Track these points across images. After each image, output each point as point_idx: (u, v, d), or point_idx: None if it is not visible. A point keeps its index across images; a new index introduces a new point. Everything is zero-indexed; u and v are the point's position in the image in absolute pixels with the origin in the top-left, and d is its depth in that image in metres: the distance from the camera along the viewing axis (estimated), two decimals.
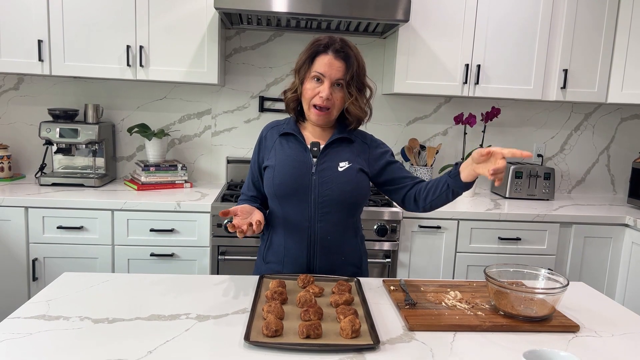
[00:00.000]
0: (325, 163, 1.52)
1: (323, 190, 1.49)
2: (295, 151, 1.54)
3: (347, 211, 1.54)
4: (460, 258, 2.55)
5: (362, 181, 1.54)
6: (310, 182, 1.50)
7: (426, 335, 1.13)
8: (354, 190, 1.52)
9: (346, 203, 1.52)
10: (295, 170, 1.51)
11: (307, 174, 1.51)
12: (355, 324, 1.09)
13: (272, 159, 1.55)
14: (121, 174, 2.99)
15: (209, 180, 3.04)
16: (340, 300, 1.25)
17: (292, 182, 1.50)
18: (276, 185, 1.51)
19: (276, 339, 1.07)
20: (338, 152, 1.54)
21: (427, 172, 2.89)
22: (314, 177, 1.50)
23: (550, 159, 3.18)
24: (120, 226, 2.39)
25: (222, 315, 1.20)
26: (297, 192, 1.50)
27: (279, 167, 1.52)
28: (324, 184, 1.50)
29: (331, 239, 1.53)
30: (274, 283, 1.34)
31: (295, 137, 1.56)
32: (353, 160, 1.54)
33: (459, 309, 1.25)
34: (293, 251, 1.53)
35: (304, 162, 1.52)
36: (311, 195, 1.50)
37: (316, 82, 1.48)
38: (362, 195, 1.55)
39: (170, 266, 2.43)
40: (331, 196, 1.49)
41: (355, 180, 1.52)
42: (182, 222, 2.41)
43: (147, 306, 1.23)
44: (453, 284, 1.43)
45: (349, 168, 1.52)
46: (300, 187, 1.50)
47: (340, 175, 1.51)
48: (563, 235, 2.59)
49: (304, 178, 1.50)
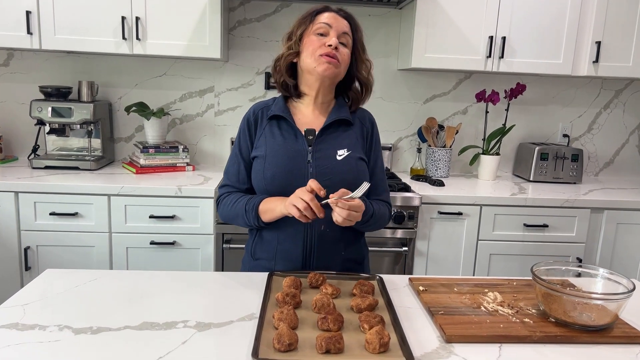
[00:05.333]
0: (322, 151, 1.35)
1: (321, 181, 1.28)
2: (289, 138, 1.37)
3: None
4: (482, 246, 2.37)
5: (363, 170, 1.39)
6: (306, 172, 1.33)
7: (467, 349, 0.95)
8: (355, 180, 1.34)
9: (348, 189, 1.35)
10: (290, 162, 1.33)
11: (302, 163, 1.34)
12: (383, 337, 0.92)
13: (261, 148, 1.37)
14: (119, 156, 2.82)
15: (213, 162, 2.86)
16: (363, 305, 1.07)
17: (286, 174, 1.33)
18: (268, 179, 1.33)
19: (290, 355, 0.90)
20: (336, 138, 1.38)
21: (446, 154, 2.69)
22: (310, 167, 1.33)
23: (577, 140, 2.97)
24: (117, 212, 2.23)
25: (225, 322, 1.03)
26: (291, 185, 1.31)
27: (271, 158, 1.34)
28: (321, 174, 1.32)
29: (330, 232, 1.35)
30: (287, 282, 1.16)
31: (286, 121, 1.38)
32: (352, 147, 1.38)
33: (502, 314, 1.08)
34: (287, 247, 1.36)
35: (298, 151, 1.35)
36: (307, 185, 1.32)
37: (318, 36, 1.34)
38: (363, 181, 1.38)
39: (172, 255, 2.26)
40: (330, 188, 1.28)
41: (356, 170, 1.36)
42: (184, 208, 2.24)
43: (138, 311, 1.06)
44: (490, 282, 1.25)
45: (348, 156, 1.36)
46: (295, 180, 1.31)
47: (339, 165, 1.34)
48: (594, 221, 2.40)
49: (299, 169, 1.33)
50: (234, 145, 1.46)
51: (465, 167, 2.90)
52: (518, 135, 2.91)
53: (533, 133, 2.94)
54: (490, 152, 2.69)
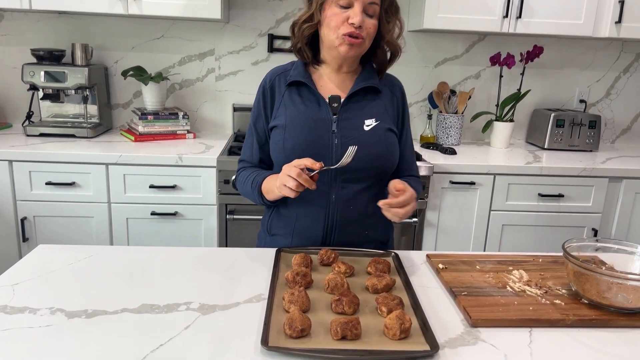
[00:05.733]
0: (348, 120, 1.24)
1: None
2: (311, 106, 1.25)
3: (374, 178, 1.27)
4: (495, 217, 2.29)
5: (393, 143, 1.28)
6: (330, 144, 1.22)
7: (495, 334, 0.88)
8: (385, 153, 1.25)
9: (374, 169, 1.25)
10: (312, 132, 1.22)
11: (327, 134, 1.22)
12: (405, 322, 0.84)
13: (281, 117, 1.25)
14: (117, 123, 2.71)
15: (214, 130, 2.75)
16: (380, 285, 0.99)
17: (308, 146, 1.21)
18: (288, 150, 1.22)
19: (303, 342, 0.82)
20: (363, 107, 1.26)
21: (458, 120, 2.58)
22: (335, 138, 1.22)
23: (594, 105, 2.84)
24: (116, 182, 2.14)
25: (231, 305, 0.95)
26: (314, 156, 1.19)
27: (291, 128, 1.23)
28: (347, 145, 1.19)
29: (354, 209, 1.26)
30: (297, 259, 1.08)
31: (307, 87, 1.26)
32: (381, 117, 1.26)
33: (530, 295, 0.99)
34: (306, 223, 1.27)
35: (322, 120, 1.23)
36: (330, 159, 1.21)
37: (341, 8, 1.17)
38: (392, 160, 1.28)
39: (174, 226, 2.19)
40: (356, 161, 1.18)
41: (385, 142, 1.25)
42: (185, 178, 2.15)
43: (137, 291, 0.98)
44: (514, 259, 1.16)
45: (376, 127, 1.24)
46: (318, 152, 1.20)
47: (366, 136, 1.23)
48: (611, 191, 2.31)
49: (323, 140, 1.22)
50: (250, 115, 1.35)
51: (477, 135, 2.79)
52: (532, 101, 2.79)
53: (548, 99, 2.82)
54: (503, 118, 2.58)
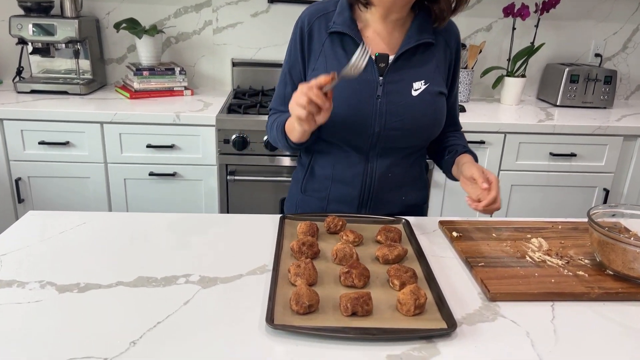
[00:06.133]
0: (395, 84, 1.11)
1: (391, 122, 1.10)
2: None
3: (418, 145, 1.19)
4: (504, 177, 2.22)
5: (441, 107, 1.16)
6: (374, 111, 1.10)
7: (515, 309, 0.82)
8: (432, 122, 1.14)
9: (419, 137, 1.16)
10: (355, 95, 1.10)
11: (371, 99, 1.10)
12: (419, 297, 0.78)
13: (320, 71, 1.12)
14: (112, 79, 2.59)
15: (213, 86, 2.64)
16: (391, 256, 0.93)
17: (350, 110, 1.10)
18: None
19: (310, 318, 0.76)
20: (412, 66, 1.12)
21: (468, 75, 2.46)
22: (380, 102, 1.10)
23: (610, 60, 2.71)
24: (112, 141, 2.06)
25: (233, 277, 0.89)
26: (355, 123, 1.11)
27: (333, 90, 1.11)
28: (392, 113, 1.10)
29: (392, 177, 1.18)
30: (302, 227, 1.02)
31: (353, 40, 1.11)
32: (431, 78, 1.13)
33: (551, 265, 0.93)
34: (342, 189, 1.19)
35: (367, 83, 1.10)
36: (374, 125, 1.11)
37: None
38: (439, 127, 1.18)
39: (173, 187, 2.12)
40: (401, 129, 1.10)
41: (433, 109, 1.13)
42: (183, 137, 2.06)
43: (133, 262, 0.92)
44: (532, 226, 1.10)
45: (425, 91, 1.12)
46: (360, 116, 1.10)
47: (414, 102, 1.11)
48: (625, 150, 2.23)
49: (366, 103, 1.10)
50: (284, 59, 1.20)
51: (487, 91, 2.68)
52: (545, 56, 2.66)
53: (562, 53, 2.69)
54: (515, 73, 2.46)
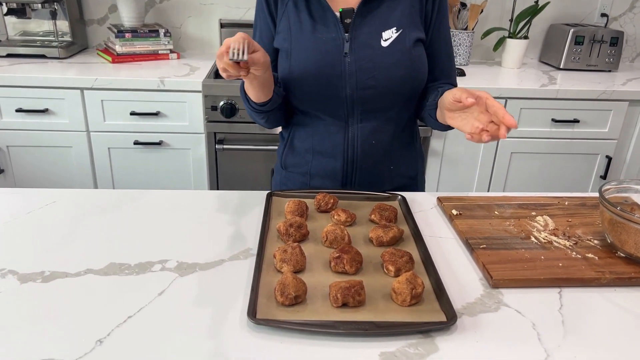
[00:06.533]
0: (362, 37, 1.02)
1: (362, 80, 1.02)
2: (319, 22, 1.02)
3: (400, 105, 1.09)
4: (504, 144, 2.14)
5: (420, 57, 1.05)
6: (343, 71, 1.02)
7: (519, 297, 0.76)
8: (410, 74, 1.04)
9: (398, 94, 1.06)
10: (321, 55, 1.01)
11: (337, 58, 1.02)
12: (416, 287, 0.71)
13: (284, 38, 1.04)
14: (93, 41, 2.46)
15: (200, 49, 2.51)
16: (386, 238, 0.86)
17: (317, 74, 1.02)
18: (295, 81, 1.04)
19: (297, 310, 0.70)
20: (381, 13, 1.02)
21: (468, 37, 2.34)
22: (348, 60, 1.02)
23: (616, 20, 2.59)
24: (93, 108, 1.96)
25: (214, 262, 0.82)
26: (324, 87, 1.03)
27: (297, 53, 1.02)
28: (363, 70, 1.01)
29: (377, 144, 1.09)
30: (291, 206, 0.94)
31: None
32: (404, 23, 1.02)
33: (558, 247, 0.87)
34: (323, 162, 1.11)
35: (332, 40, 1.01)
36: (346, 87, 1.03)
37: None
38: (421, 79, 1.08)
39: (160, 156, 2.04)
40: (375, 87, 1.02)
41: (409, 59, 1.02)
42: (169, 104, 1.96)
43: (104, 247, 0.84)
44: (537, 202, 1.02)
45: (397, 39, 1.02)
46: (329, 79, 1.02)
47: (385, 54, 1.01)
48: (629, 115, 2.15)
49: (333, 66, 1.01)
50: (253, 26, 1.12)
51: (488, 53, 2.57)
52: (549, 16, 2.53)
53: (566, 12, 2.56)
54: (517, 35, 2.35)
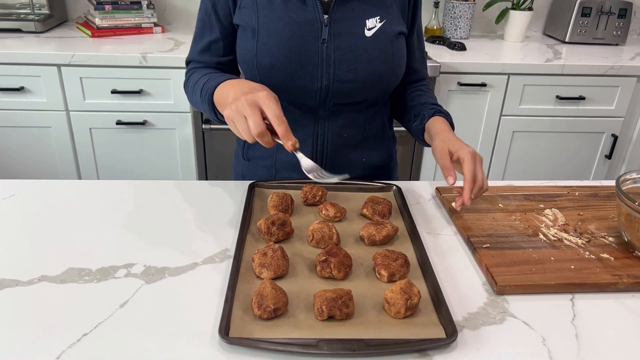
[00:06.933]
0: (344, 22, 0.91)
1: (341, 72, 0.91)
2: (293, 3, 0.91)
3: (376, 98, 0.99)
4: (506, 122, 2.04)
5: (401, 52, 0.97)
6: (319, 59, 0.90)
7: (527, 306, 0.67)
8: (391, 69, 0.94)
9: (375, 89, 0.96)
10: (294, 40, 0.89)
11: (315, 42, 0.90)
12: (412, 297, 0.63)
13: (249, 15, 0.92)
14: (73, 14, 2.32)
15: (186, 22, 2.37)
16: (378, 237, 0.77)
17: (289, 61, 0.90)
18: (263, 68, 0.91)
19: (277, 325, 0.62)
20: (364, 1, 0.92)
21: (469, 9, 2.22)
22: (327, 47, 0.90)
23: None
24: (72, 86, 1.84)
25: (186, 266, 0.73)
26: (296, 76, 0.91)
27: (266, 35, 0.90)
28: (342, 61, 0.90)
29: (348, 136, 1.00)
30: (274, 200, 0.85)
31: None
32: (387, 14, 0.93)
33: (569, 245, 0.78)
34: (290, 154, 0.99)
35: (309, 23, 0.90)
36: (321, 78, 0.91)
37: None
38: (398, 75, 0.98)
39: (144, 137, 1.93)
40: (354, 81, 0.91)
41: (391, 53, 0.93)
42: (152, 82, 1.85)
43: (65, 249, 0.76)
44: (544, 192, 0.94)
45: (381, 30, 0.92)
46: (302, 68, 0.90)
47: (368, 46, 0.91)
48: (637, 92, 2.04)
49: (309, 51, 0.90)
50: None
51: (490, 26, 2.44)
52: None
53: None
54: (521, 6, 2.22)
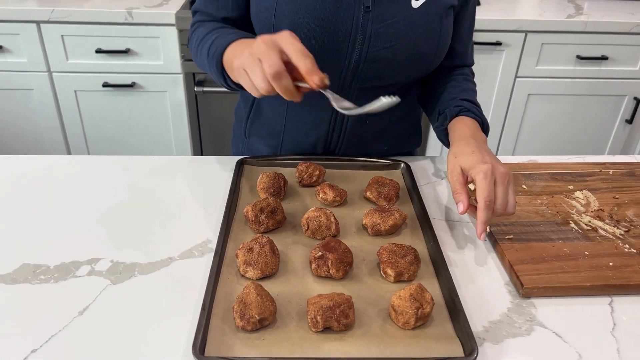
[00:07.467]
0: None
1: (377, 48, 0.75)
2: None
3: (407, 83, 0.84)
4: (521, 85, 1.90)
5: (447, 32, 0.81)
6: (355, 30, 0.74)
7: (557, 310, 0.57)
8: (436, 50, 0.79)
9: (412, 72, 0.81)
10: (328, 4, 0.73)
11: (352, 9, 0.73)
12: (423, 306, 0.53)
13: None
14: None
15: None
16: (384, 227, 0.67)
17: (319, 29, 0.73)
18: (278, 26, 0.75)
19: (262, 338, 0.52)
20: None
21: None
22: (365, 20, 0.74)
23: None
24: (54, 45, 1.71)
25: (159, 262, 0.63)
26: (323, 48, 0.74)
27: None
28: (381, 35, 0.74)
29: (371, 123, 0.86)
30: (265, 181, 0.74)
31: None
32: None
33: (606, 236, 0.68)
34: (299, 137, 0.87)
35: None
36: (352, 53, 0.75)
37: None
38: (439, 58, 0.83)
39: (133, 100, 1.81)
40: (389, 60, 0.76)
41: (438, 33, 0.78)
42: (140, 40, 1.71)
43: (19, 241, 0.66)
44: (573, 171, 0.82)
45: (430, 3, 0.76)
46: (331, 41, 0.74)
47: (413, 20, 0.75)
48: None
49: (344, 20, 0.73)
50: None
51: None
52: None
53: None
54: None
